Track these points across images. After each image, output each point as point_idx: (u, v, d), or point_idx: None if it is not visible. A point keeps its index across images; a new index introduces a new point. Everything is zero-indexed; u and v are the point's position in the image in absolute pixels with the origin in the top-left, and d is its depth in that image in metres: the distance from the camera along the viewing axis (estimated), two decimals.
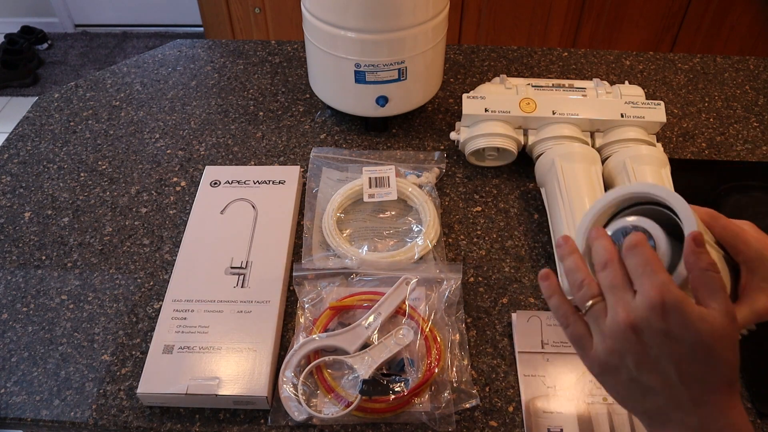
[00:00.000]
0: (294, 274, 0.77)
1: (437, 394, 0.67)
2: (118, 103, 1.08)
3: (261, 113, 1.05)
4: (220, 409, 0.66)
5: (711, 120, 1.04)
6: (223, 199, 0.85)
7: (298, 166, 0.90)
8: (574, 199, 0.78)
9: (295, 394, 0.65)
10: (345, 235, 0.82)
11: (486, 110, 0.87)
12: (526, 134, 0.89)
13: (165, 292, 0.74)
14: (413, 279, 0.75)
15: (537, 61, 1.17)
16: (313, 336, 0.70)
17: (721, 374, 0.40)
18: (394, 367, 0.68)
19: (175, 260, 0.78)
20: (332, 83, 0.95)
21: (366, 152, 0.96)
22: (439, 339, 0.70)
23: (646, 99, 0.88)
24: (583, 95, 0.89)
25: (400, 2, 0.83)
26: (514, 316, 0.74)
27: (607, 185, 0.84)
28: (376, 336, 0.69)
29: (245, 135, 1.00)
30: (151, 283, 0.79)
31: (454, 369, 0.69)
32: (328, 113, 1.04)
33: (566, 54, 1.18)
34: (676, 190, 0.79)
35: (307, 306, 0.74)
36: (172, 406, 0.66)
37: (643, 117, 0.86)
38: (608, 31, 1.93)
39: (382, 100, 0.92)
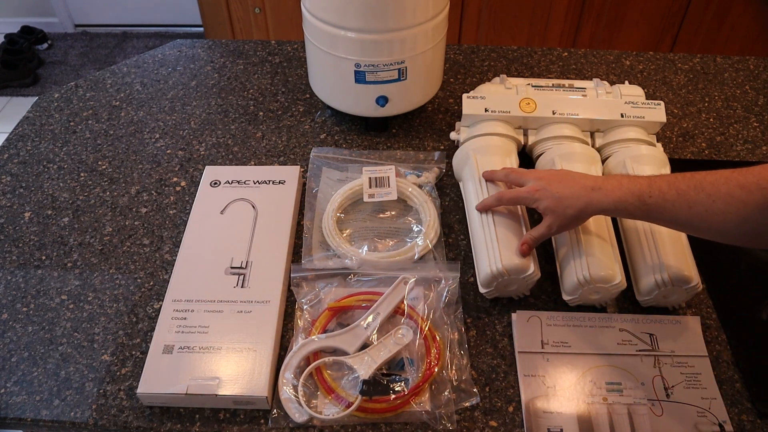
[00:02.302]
0: (292, 275, 0.77)
1: (437, 393, 0.67)
2: (118, 103, 1.08)
3: (261, 113, 1.05)
4: (220, 409, 0.66)
5: (711, 120, 1.04)
6: (223, 199, 0.85)
7: (298, 166, 0.90)
8: None
9: (296, 396, 0.65)
10: (345, 235, 0.82)
11: (486, 110, 0.87)
12: (526, 134, 0.89)
13: (165, 292, 0.74)
14: (411, 278, 0.75)
15: (537, 61, 1.17)
16: (312, 337, 0.70)
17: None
18: (393, 367, 0.68)
19: (175, 260, 0.78)
20: (332, 83, 0.95)
21: (366, 152, 0.96)
22: (438, 338, 0.70)
23: (646, 99, 0.88)
24: (583, 95, 0.89)
25: (400, 2, 0.83)
26: (514, 316, 0.74)
27: None
28: (375, 336, 0.69)
29: (245, 135, 1.00)
30: (151, 283, 0.79)
31: (454, 368, 0.69)
32: (328, 113, 1.04)
33: (566, 54, 1.18)
34: None
35: (305, 307, 0.74)
36: (172, 406, 0.66)
37: (643, 117, 0.86)
38: (608, 31, 1.93)
39: (382, 100, 0.92)
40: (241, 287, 0.74)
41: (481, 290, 0.75)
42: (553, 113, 0.87)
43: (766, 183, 0.55)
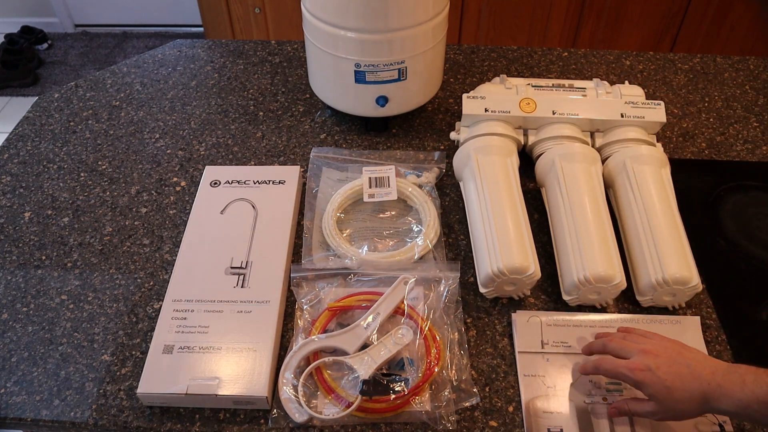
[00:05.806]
0: (292, 275, 0.77)
1: (437, 393, 0.67)
2: (118, 103, 1.08)
3: (261, 113, 1.05)
4: (220, 409, 0.66)
5: (711, 120, 1.04)
6: (223, 199, 0.85)
7: (298, 166, 0.90)
8: (574, 199, 0.78)
9: (296, 396, 0.65)
10: (345, 235, 0.82)
11: (486, 110, 0.87)
12: (526, 134, 0.89)
13: (165, 292, 0.74)
14: (411, 279, 0.75)
15: (537, 61, 1.17)
16: (312, 337, 0.70)
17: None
18: (393, 367, 0.68)
19: (175, 260, 0.78)
20: (332, 83, 0.95)
21: (366, 152, 0.96)
22: (438, 338, 0.70)
23: (646, 99, 0.88)
24: (583, 95, 0.89)
25: (400, 2, 0.83)
26: (514, 316, 0.74)
27: (607, 185, 0.84)
28: (375, 336, 0.69)
29: (245, 135, 1.00)
30: (151, 283, 0.79)
31: (454, 368, 0.69)
32: (328, 113, 1.04)
33: (566, 54, 1.18)
34: (676, 190, 0.80)
35: (305, 307, 0.74)
36: (172, 406, 0.66)
37: (643, 117, 0.86)
38: (608, 31, 1.92)
39: (382, 100, 0.92)
40: (241, 287, 0.74)
41: (481, 290, 0.75)
42: (553, 113, 0.87)
43: None
